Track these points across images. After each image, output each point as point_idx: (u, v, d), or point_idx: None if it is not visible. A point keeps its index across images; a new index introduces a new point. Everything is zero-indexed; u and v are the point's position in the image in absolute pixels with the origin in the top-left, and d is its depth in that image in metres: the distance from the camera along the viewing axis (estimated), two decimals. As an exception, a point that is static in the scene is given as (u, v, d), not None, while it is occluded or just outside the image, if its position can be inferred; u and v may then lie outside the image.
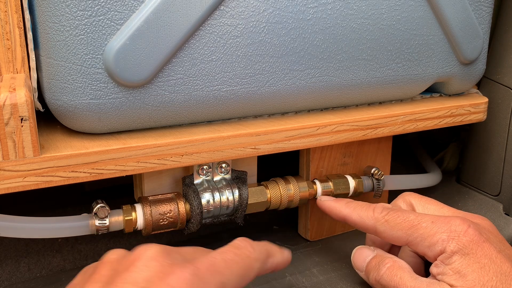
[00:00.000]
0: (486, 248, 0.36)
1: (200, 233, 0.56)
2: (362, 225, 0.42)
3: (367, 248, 0.43)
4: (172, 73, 0.40)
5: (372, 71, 0.49)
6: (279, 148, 0.46)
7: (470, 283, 0.35)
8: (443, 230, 0.38)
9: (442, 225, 0.38)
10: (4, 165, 0.35)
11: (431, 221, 0.39)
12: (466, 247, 0.36)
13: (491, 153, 0.61)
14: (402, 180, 0.58)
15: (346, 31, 0.46)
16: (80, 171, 0.38)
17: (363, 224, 0.42)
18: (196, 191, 0.45)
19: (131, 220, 0.42)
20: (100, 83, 0.38)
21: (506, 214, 0.59)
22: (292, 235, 0.56)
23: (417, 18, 0.49)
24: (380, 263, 0.40)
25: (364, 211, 0.42)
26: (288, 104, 0.47)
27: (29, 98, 0.35)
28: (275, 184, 0.49)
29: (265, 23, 0.42)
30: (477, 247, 0.36)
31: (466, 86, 0.57)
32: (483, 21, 0.53)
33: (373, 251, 0.42)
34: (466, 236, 0.37)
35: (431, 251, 0.38)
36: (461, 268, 0.36)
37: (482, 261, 0.36)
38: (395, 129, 0.51)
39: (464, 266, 0.36)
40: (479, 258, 0.36)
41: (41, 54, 0.38)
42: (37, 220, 0.40)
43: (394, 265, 0.39)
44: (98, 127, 0.40)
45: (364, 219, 0.42)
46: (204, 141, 0.42)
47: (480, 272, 0.35)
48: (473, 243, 0.37)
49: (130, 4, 0.37)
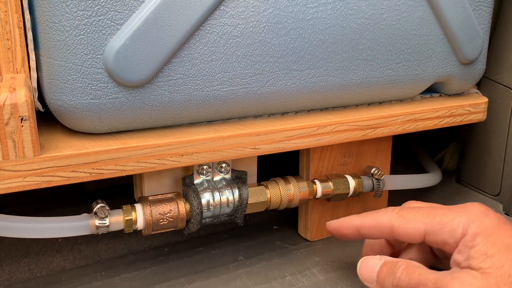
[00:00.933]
0: (508, 229, 0.36)
1: (200, 233, 0.57)
2: (377, 227, 0.41)
3: (372, 258, 0.41)
4: (172, 73, 0.40)
5: (372, 71, 0.49)
6: (279, 148, 0.46)
7: (498, 262, 0.34)
8: (462, 214, 0.37)
9: (460, 209, 0.37)
10: (4, 165, 0.35)
11: (448, 209, 0.38)
12: (488, 227, 0.35)
13: (491, 153, 0.61)
14: (402, 180, 0.58)
15: (346, 31, 0.46)
16: (80, 171, 0.38)
17: (378, 225, 0.41)
18: (196, 191, 0.45)
19: (131, 220, 0.42)
20: (100, 83, 0.38)
21: (506, 214, 0.59)
22: (292, 235, 0.56)
23: (417, 18, 0.49)
24: (394, 267, 0.38)
25: (376, 214, 0.41)
26: (288, 104, 0.47)
27: (29, 98, 0.35)
28: (275, 184, 0.49)
29: (265, 23, 0.42)
30: (499, 228, 0.36)
31: (466, 86, 0.57)
32: (483, 21, 0.53)
33: (379, 259, 0.40)
34: (486, 217, 0.36)
35: (451, 237, 0.37)
36: (486, 249, 0.35)
37: (506, 241, 0.35)
38: (395, 129, 0.51)
39: (489, 246, 0.35)
40: (503, 238, 0.35)
41: (41, 54, 0.38)
42: (37, 220, 0.40)
43: (409, 265, 0.38)
44: (98, 127, 0.40)
45: (378, 220, 0.41)
46: (204, 141, 0.42)
47: (506, 251, 0.34)
48: (494, 224, 0.36)
49: (130, 4, 0.37)
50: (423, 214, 0.39)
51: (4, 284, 0.48)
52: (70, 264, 0.51)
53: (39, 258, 0.51)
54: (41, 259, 0.51)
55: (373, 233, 0.42)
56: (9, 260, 0.50)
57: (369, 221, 0.42)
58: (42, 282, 0.48)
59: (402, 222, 0.39)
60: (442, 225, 0.37)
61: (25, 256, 0.51)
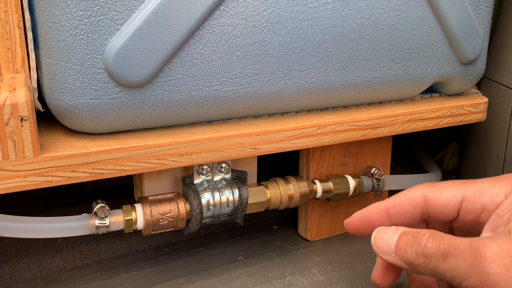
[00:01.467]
0: None
1: (200, 233, 0.57)
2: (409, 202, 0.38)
3: (388, 228, 0.37)
4: (172, 73, 0.40)
5: (372, 71, 0.49)
6: (279, 148, 0.46)
7: None
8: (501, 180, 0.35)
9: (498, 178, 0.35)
10: (4, 165, 0.35)
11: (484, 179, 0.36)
12: None
13: (491, 153, 0.61)
14: (402, 180, 0.58)
15: (346, 31, 0.46)
16: (80, 171, 0.38)
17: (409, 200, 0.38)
18: (196, 191, 0.45)
19: (131, 220, 0.43)
20: (100, 83, 0.38)
21: (506, 214, 0.59)
22: (292, 235, 0.56)
23: (417, 18, 0.49)
24: (417, 235, 0.34)
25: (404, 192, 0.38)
26: (288, 104, 0.47)
27: (29, 98, 0.35)
28: (275, 184, 0.49)
29: (265, 23, 0.42)
30: None
31: (466, 86, 0.57)
32: (483, 21, 0.53)
33: (396, 229, 0.36)
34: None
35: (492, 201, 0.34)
36: None
37: None
38: (395, 129, 0.51)
39: None
40: None
41: (41, 54, 0.38)
42: (37, 220, 0.40)
43: (434, 232, 0.34)
44: (98, 127, 0.40)
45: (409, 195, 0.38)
46: (204, 141, 0.42)
47: None
48: None
49: (130, 4, 0.37)
50: (458, 183, 0.36)
51: (4, 284, 0.48)
52: (70, 264, 0.51)
53: (39, 258, 0.51)
54: (41, 259, 0.51)
55: (404, 211, 0.38)
56: (9, 260, 0.50)
57: (399, 199, 0.38)
58: (42, 282, 0.48)
59: (437, 191, 0.37)
60: (481, 191, 0.35)
61: (25, 256, 0.51)
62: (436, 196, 0.37)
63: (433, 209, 0.37)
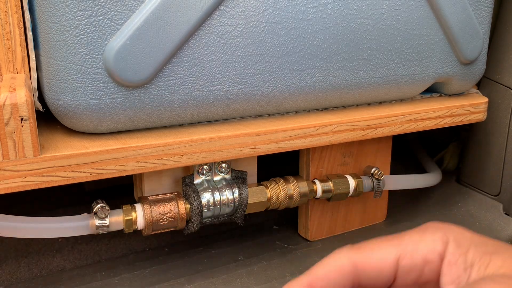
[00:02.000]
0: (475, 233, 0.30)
1: (200, 233, 0.57)
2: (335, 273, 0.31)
3: None
4: (172, 73, 0.40)
5: (372, 71, 0.49)
6: (279, 148, 0.46)
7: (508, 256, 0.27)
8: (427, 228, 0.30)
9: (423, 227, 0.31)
10: (4, 165, 0.35)
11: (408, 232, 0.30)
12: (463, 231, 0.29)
13: (491, 153, 0.61)
14: (402, 180, 0.58)
15: (346, 31, 0.46)
16: (80, 171, 0.38)
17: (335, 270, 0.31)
18: (196, 191, 0.45)
19: (131, 220, 0.42)
20: (100, 83, 0.38)
21: (506, 214, 0.59)
22: (292, 235, 0.56)
23: (417, 18, 0.49)
24: None
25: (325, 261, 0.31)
26: (288, 104, 0.47)
27: (29, 98, 0.35)
28: (275, 184, 0.49)
29: (265, 23, 0.42)
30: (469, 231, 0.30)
31: (466, 86, 0.57)
32: (483, 21, 0.53)
33: None
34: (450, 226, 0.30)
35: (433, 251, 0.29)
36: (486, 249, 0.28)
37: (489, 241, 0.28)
38: (395, 129, 0.51)
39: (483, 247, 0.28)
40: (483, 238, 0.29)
41: (41, 54, 0.38)
42: (37, 220, 0.40)
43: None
44: (98, 127, 0.40)
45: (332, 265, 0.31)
46: (204, 141, 0.42)
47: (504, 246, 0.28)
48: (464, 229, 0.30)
49: (130, 4, 0.37)
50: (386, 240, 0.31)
51: (4, 284, 0.48)
52: (70, 264, 0.51)
53: (39, 258, 0.51)
54: (41, 259, 0.51)
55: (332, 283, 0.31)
56: (9, 260, 0.50)
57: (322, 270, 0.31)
58: (42, 282, 0.48)
59: (366, 253, 0.30)
60: (415, 242, 0.30)
61: (25, 256, 0.51)
62: (367, 259, 0.30)
63: (366, 276, 0.31)
